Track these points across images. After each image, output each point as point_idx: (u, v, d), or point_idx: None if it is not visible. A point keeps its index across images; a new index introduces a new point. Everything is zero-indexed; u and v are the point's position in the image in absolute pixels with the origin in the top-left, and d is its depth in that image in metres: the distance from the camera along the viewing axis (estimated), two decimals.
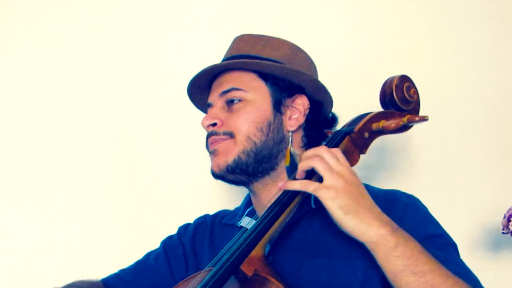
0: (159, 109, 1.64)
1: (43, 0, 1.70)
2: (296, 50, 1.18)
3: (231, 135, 1.11)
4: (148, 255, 1.28)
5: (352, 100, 1.28)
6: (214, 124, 1.13)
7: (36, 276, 1.59)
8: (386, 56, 1.62)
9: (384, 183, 1.52)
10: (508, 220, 1.39)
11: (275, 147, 1.12)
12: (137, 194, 1.66)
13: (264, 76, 1.13)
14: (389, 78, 1.12)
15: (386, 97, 1.11)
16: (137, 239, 1.38)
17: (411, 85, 1.12)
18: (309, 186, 0.94)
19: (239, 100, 1.12)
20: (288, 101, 1.15)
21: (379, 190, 1.12)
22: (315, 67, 1.22)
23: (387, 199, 1.06)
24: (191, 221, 1.32)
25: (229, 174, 1.12)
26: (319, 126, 1.19)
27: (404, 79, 1.12)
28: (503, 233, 1.42)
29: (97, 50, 1.70)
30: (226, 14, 1.69)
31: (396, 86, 1.10)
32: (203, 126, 1.14)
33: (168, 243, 1.28)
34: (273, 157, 1.13)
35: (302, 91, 1.15)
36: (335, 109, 1.22)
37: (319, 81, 1.17)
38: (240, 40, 1.20)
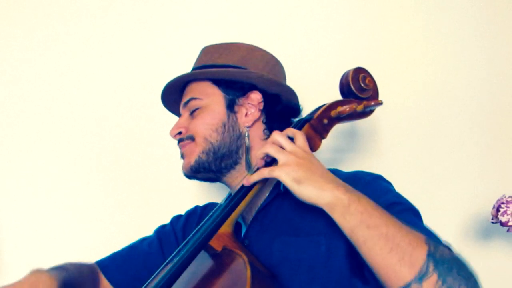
0: (152, 109, 1.63)
1: (45, 2, 1.76)
2: (252, 51, 1.26)
3: (192, 139, 1.21)
4: (142, 240, 1.35)
5: (318, 94, 1.32)
6: (180, 133, 1.23)
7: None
8: (356, 52, 1.66)
9: (352, 165, 1.59)
10: (497, 210, 1.42)
11: (233, 143, 1.20)
12: (131, 191, 1.70)
13: (217, 82, 1.22)
14: (345, 72, 1.19)
15: (344, 88, 1.18)
16: (132, 231, 1.44)
17: (366, 75, 1.18)
18: (264, 172, 1.02)
19: (198, 108, 1.22)
20: (242, 100, 1.22)
21: (344, 172, 1.18)
22: (275, 63, 1.29)
23: (350, 178, 1.10)
24: (182, 212, 1.39)
25: (196, 174, 1.21)
26: (279, 117, 1.25)
27: (359, 70, 1.18)
28: (492, 222, 1.45)
29: (95, 51, 1.75)
30: (225, 17, 1.73)
31: (352, 78, 1.16)
32: (171, 136, 1.24)
33: (161, 231, 1.35)
34: (233, 153, 1.20)
35: (255, 88, 1.22)
36: (305, 102, 1.28)
37: (267, 76, 1.23)
38: (203, 51, 1.29)
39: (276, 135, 1.05)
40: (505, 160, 1.61)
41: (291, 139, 1.07)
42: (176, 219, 1.38)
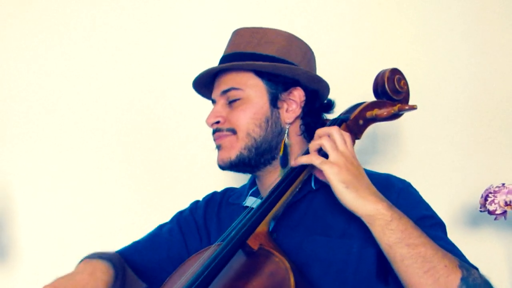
0: (173, 93, 1.72)
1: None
2: (291, 40, 1.20)
3: (233, 132, 1.17)
4: (160, 228, 1.33)
5: (349, 91, 1.33)
6: (218, 122, 1.18)
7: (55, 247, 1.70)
8: (380, 51, 1.69)
9: (376, 166, 1.60)
10: (485, 199, 1.50)
11: (274, 139, 1.17)
12: (151, 174, 1.74)
13: (260, 73, 1.17)
14: (381, 71, 1.18)
15: (378, 88, 1.17)
16: (151, 215, 1.44)
17: (401, 77, 1.18)
18: (315, 160, 1.01)
19: (239, 99, 1.17)
20: (284, 95, 1.18)
21: (375, 173, 1.17)
22: (311, 54, 1.25)
23: (382, 183, 1.10)
24: (199, 197, 1.37)
25: (232, 167, 1.18)
26: (316, 113, 1.23)
27: (395, 71, 1.18)
28: (480, 211, 1.54)
29: (119, 44, 1.77)
30: (229, 9, 1.74)
31: (388, 78, 1.16)
32: (208, 124, 1.19)
33: (180, 218, 1.33)
34: (272, 149, 1.18)
35: (297, 83, 1.19)
36: (336, 99, 1.27)
37: (312, 73, 1.21)
38: (238, 34, 1.22)
39: (334, 130, 1.04)
40: (492, 153, 1.70)
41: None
42: (195, 205, 1.35)
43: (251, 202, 1.23)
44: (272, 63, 1.16)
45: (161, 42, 1.75)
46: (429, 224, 1.07)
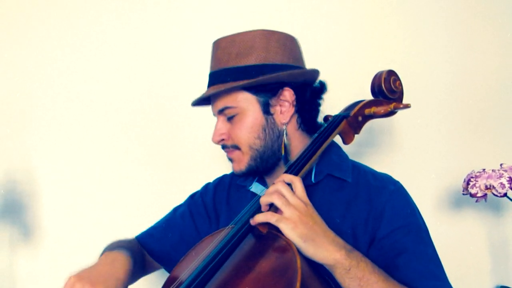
0: (186, 89, 1.69)
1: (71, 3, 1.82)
2: (268, 40, 1.20)
3: (237, 148, 1.22)
4: (174, 211, 1.40)
5: (347, 88, 1.41)
6: (222, 139, 1.23)
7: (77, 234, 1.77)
8: (376, 52, 1.77)
9: (373, 157, 1.73)
10: (467, 184, 1.59)
11: (274, 144, 1.21)
12: (165, 160, 1.82)
13: (247, 88, 1.19)
14: (378, 72, 1.25)
15: (376, 87, 1.25)
16: (166, 197, 1.49)
17: (397, 78, 1.26)
18: (271, 218, 1.01)
19: (235, 114, 1.20)
20: (274, 100, 1.21)
21: (370, 172, 1.23)
22: (291, 41, 1.24)
23: (376, 185, 1.17)
24: (210, 180, 1.44)
25: (247, 175, 1.25)
26: (309, 102, 1.25)
27: (391, 73, 1.26)
28: (463, 194, 1.62)
29: (134, 44, 1.83)
30: (233, 10, 1.79)
31: (384, 79, 1.24)
32: (214, 142, 1.24)
33: (191, 202, 1.39)
34: (276, 152, 1.22)
35: (284, 84, 1.20)
36: (336, 96, 1.29)
37: (295, 71, 1.20)
38: (217, 47, 1.22)
39: (280, 186, 1.05)
40: (474, 141, 1.81)
41: (289, 184, 1.07)
42: (205, 188, 1.41)
43: (257, 189, 1.29)
44: (255, 78, 1.17)
45: (170, 43, 1.82)
46: (409, 235, 1.12)
